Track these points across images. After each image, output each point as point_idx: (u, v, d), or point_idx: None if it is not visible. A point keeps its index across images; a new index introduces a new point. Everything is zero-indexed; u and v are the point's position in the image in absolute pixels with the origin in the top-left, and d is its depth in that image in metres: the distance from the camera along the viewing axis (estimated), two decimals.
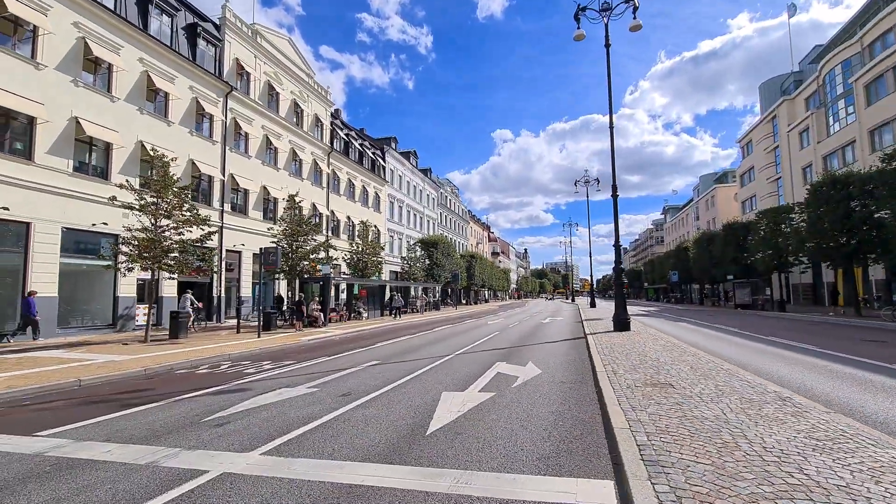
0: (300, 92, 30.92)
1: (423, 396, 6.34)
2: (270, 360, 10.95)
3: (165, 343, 14.28)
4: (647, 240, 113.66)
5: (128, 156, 18.81)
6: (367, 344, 13.94)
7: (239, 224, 24.63)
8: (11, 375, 8.63)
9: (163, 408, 6.17)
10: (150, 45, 19.64)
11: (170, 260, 14.96)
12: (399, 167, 48.89)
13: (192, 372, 9.51)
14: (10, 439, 4.83)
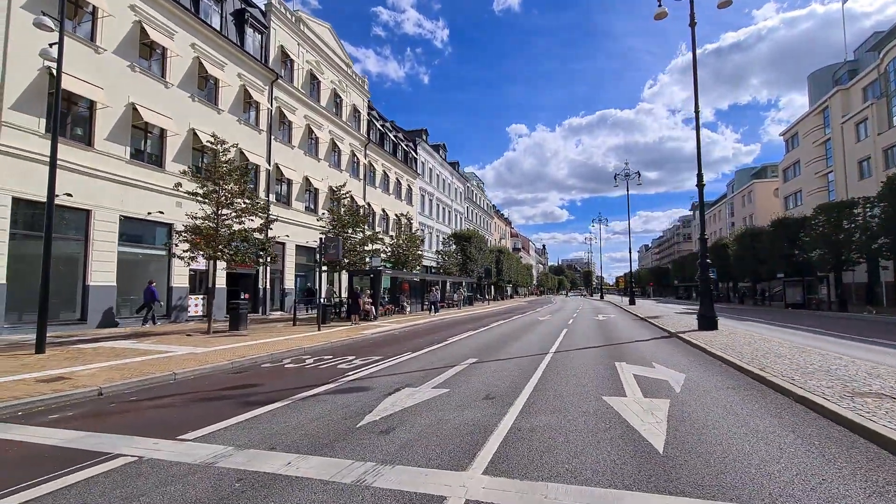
0: (339, 81, 30.36)
1: (584, 402, 5.61)
2: (351, 354, 10.34)
3: (228, 335, 13.84)
4: (673, 237, 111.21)
5: (180, 143, 18.44)
6: (437, 339, 13.28)
7: (282, 215, 24.21)
8: (103, 367, 8.16)
9: (294, 408, 5.56)
10: (202, 30, 19.20)
11: (231, 249, 14.48)
12: (430, 160, 48.18)
13: (281, 366, 8.95)
14: (161, 444, 4.24)
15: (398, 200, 39.15)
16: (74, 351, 10.13)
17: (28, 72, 13.34)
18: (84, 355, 9.55)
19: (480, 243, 44.50)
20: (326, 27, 29.01)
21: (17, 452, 4.17)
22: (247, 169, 15.90)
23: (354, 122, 32.43)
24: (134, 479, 3.48)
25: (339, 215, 20.87)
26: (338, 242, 15.39)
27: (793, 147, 48.15)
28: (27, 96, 13.33)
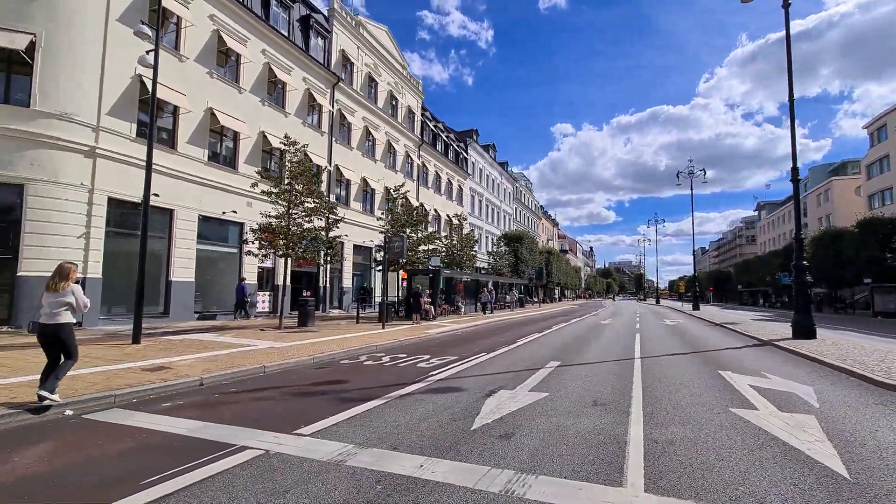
0: (395, 83, 30.72)
1: (711, 414, 5.10)
2: (425, 353, 10.20)
3: (298, 331, 14.16)
4: (735, 239, 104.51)
5: (252, 146, 19.22)
6: (504, 341, 12.93)
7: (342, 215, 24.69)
8: (197, 358, 8.47)
9: (395, 407, 5.42)
10: (272, 37, 19.94)
11: (301, 247, 14.84)
12: (479, 160, 47.89)
13: (360, 363, 8.94)
14: (281, 439, 4.20)
15: (449, 201, 39.15)
16: (165, 342, 10.65)
17: (122, 80, 14.31)
18: (175, 346, 10.01)
19: (531, 244, 43.66)
20: (384, 30, 29.45)
21: (152, 440, 4.26)
22: (318, 169, 16.21)
23: (409, 123, 32.70)
24: (271, 473, 3.41)
25: (397, 215, 20.98)
26: (402, 239, 15.43)
27: (879, 141, 43.75)
28: (121, 103, 14.30)
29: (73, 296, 5.31)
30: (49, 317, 5.20)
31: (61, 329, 5.25)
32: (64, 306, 5.26)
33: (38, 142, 12.53)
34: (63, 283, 5.28)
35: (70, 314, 5.34)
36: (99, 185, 13.63)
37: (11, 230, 12.37)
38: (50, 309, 5.20)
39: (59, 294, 5.24)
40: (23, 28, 12.43)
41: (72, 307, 5.33)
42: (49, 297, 5.23)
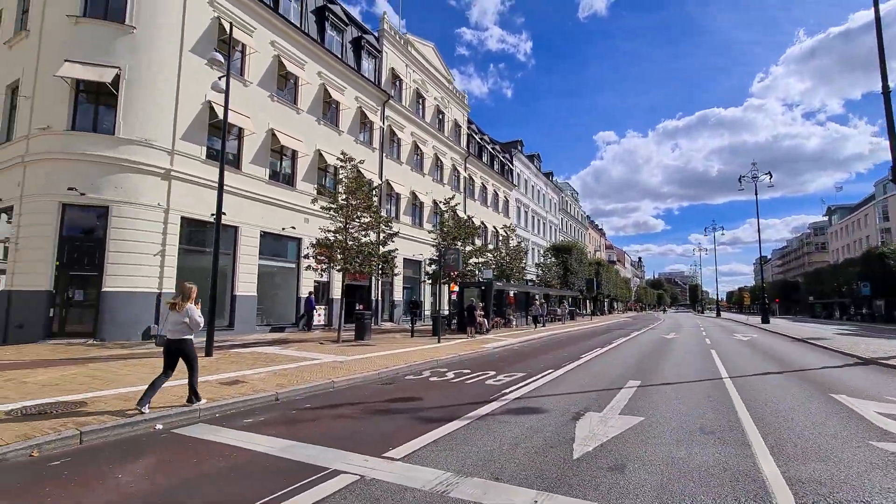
0: (442, 98, 31.02)
1: (848, 447, 4.43)
2: (489, 369, 9.82)
3: (356, 344, 14.20)
4: (801, 247, 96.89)
5: (308, 164, 19.84)
6: (567, 356, 12.31)
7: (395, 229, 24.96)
8: (268, 372, 8.56)
9: (479, 429, 5.11)
10: (327, 59, 20.66)
11: (359, 261, 14.99)
12: (525, 171, 47.33)
13: (425, 379, 8.71)
14: (372, 462, 3.99)
15: (495, 213, 38.80)
16: (234, 355, 10.93)
17: (193, 106, 15.19)
18: (245, 360, 10.23)
19: (581, 255, 42.34)
20: (430, 46, 29.92)
21: (243, 460, 4.18)
22: (372, 184, 16.44)
23: (455, 136, 32.85)
24: (374, 503, 3.19)
25: (449, 227, 20.89)
26: (457, 252, 15.24)
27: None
28: (193, 128, 15.16)
29: (188, 316, 5.80)
30: (172, 333, 5.79)
31: (182, 344, 5.82)
32: (181, 324, 5.79)
33: (122, 166, 13.46)
34: (183, 303, 5.82)
35: (189, 332, 5.85)
36: (173, 205, 14.43)
37: (97, 249, 13.28)
38: (172, 326, 5.78)
39: (180, 314, 5.78)
40: (110, 62, 13.49)
41: (186, 325, 5.81)
42: (172, 315, 5.82)
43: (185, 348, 5.81)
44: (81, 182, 12.94)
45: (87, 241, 13.41)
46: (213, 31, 15.98)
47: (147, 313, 13.73)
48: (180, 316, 5.77)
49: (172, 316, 5.80)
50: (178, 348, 5.78)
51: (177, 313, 5.78)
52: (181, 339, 5.79)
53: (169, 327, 5.79)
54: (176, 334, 5.77)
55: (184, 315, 5.77)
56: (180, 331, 5.78)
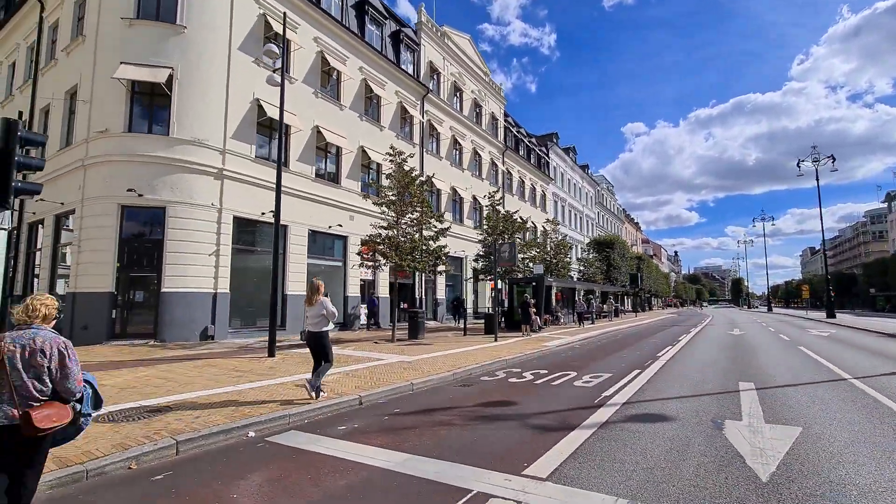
0: (479, 91, 30.32)
1: None
2: (566, 369, 9.10)
3: (412, 343, 13.74)
4: (856, 236, 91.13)
5: (352, 161, 19.55)
6: (640, 354, 11.44)
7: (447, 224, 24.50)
8: (340, 374, 8.14)
9: (609, 440, 4.44)
10: (367, 53, 20.32)
11: (413, 258, 14.52)
12: (561, 164, 46.05)
13: (504, 380, 8.08)
14: (517, 483, 3.41)
15: (533, 208, 37.79)
16: (296, 356, 10.61)
17: (242, 105, 15.07)
18: (305, 360, 9.85)
19: (623, 249, 40.81)
20: (466, 38, 29.27)
21: (363, 476, 3.67)
22: (423, 178, 15.95)
23: (492, 130, 32.09)
24: None
25: (495, 222, 20.22)
26: (512, 246, 14.55)
27: None
28: (242, 127, 15.04)
29: (324, 308, 6.12)
30: (313, 326, 6.20)
31: (321, 336, 6.20)
32: (320, 317, 6.14)
33: (176, 167, 13.43)
34: (315, 296, 6.17)
35: (326, 323, 6.20)
36: (226, 204, 14.34)
37: (155, 250, 13.29)
38: (312, 320, 6.19)
39: (316, 308, 6.13)
40: (163, 63, 13.48)
41: (325, 318, 6.15)
42: (309, 310, 6.22)
43: (323, 340, 6.20)
44: (139, 183, 12.96)
45: (145, 243, 13.45)
46: (260, 29, 15.83)
47: (203, 314, 13.67)
48: (317, 309, 6.12)
49: (310, 311, 6.18)
50: (317, 339, 6.18)
51: (313, 307, 6.15)
52: (321, 332, 6.19)
53: (309, 322, 6.21)
54: (316, 327, 6.17)
55: (320, 308, 6.11)
56: (319, 323, 6.16)
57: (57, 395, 2.72)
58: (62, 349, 2.72)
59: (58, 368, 2.69)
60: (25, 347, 2.61)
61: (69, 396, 2.76)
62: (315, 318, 6.16)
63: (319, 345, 6.18)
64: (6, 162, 3.74)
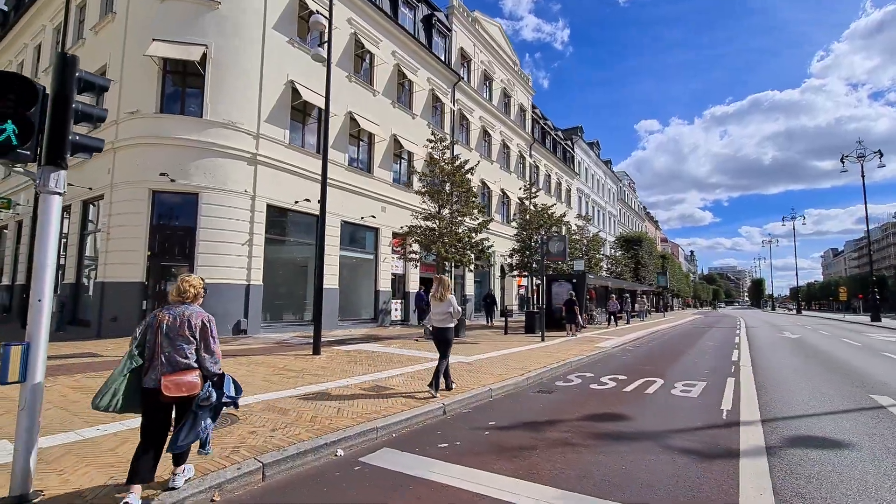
0: (508, 80, 29.28)
1: None
2: (648, 375, 8.18)
3: (456, 342, 12.89)
4: (885, 237, 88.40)
5: (384, 149, 18.71)
6: (707, 359, 10.46)
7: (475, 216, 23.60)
8: (403, 375, 7.30)
9: (809, 477, 3.52)
10: (400, 37, 19.43)
11: (455, 250, 13.66)
12: (586, 159, 44.83)
13: (584, 386, 7.18)
14: None
15: (559, 203, 36.66)
16: (342, 354, 9.83)
17: (276, 87, 14.28)
18: (357, 359, 9.07)
19: (651, 247, 39.55)
20: (497, 25, 28.22)
21: None
22: (470, 168, 15.05)
23: (521, 121, 31.04)
24: None
25: (533, 214, 19.28)
26: (563, 240, 13.59)
27: None
28: (276, 110, 14.26)
29: (451, 305, 6.18)
30: (439, 322, 6.25)
31: (447, 332, 6.25)
32: (446, 314, 6.19)
33: (210, 150, 12.69)
34: (445, 293, 6.22)
35: (451, 320, 6.23)
36: (259, 191, 13.59)
37: (188, 238, 12.59)
38: (439, 316, 6.24)
39: (444, 304, 6.19)
40: (196, 41, 12.72)
41: (451, 314, 6.20)
42: (437, 306, 6.25)
43: (448, 336, 6.25)
44: (171, 167, 12.24)
45: (177, 231, 12.76)
46: (294, 8, 15.04)
47: (236, 306, 12.95)
48: (444, 306, 6.18)
49: (437, 307, 6.24)
50: (443, 335, 6.21)
51: (441, 304, 6.19)
52: (446, 328, 6.23)
53: (436, 318, 6.27)
54: (442, 323, 6.22)
55: (447, 305, 6.16)
56: (445, 320, 6.20)
57: (195, 371, 2.96)
58: (206, 322, 3.03)
59: (201, 340, 2.99)
60: (176, 318, 2.96)
61: (210, 368, 3.01)
62: (442, 314, 6.20)
63: (444, 340, 6.22)
64: (62, 109, 2.92)
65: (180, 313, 2.97)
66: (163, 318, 2.96)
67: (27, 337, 2.89)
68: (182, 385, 2.83)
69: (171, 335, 2.91)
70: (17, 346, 2.81)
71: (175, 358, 2.88)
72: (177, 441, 2.90)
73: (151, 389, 2.85)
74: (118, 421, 4.39)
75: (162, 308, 3.03)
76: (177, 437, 2.90)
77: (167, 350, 2.88)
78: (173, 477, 3.01)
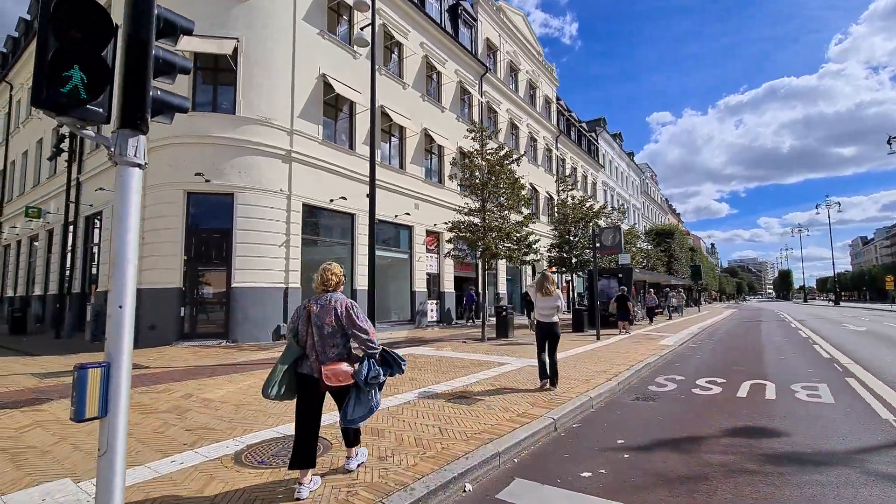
0: (533, 71, 28.35)
1: None
2: (742, 376, 7.27)
3: (506, 343, 12.15)
4: None
5: (416, 144, 18.00)
6: (793, 356, 9.46)
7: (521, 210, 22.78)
8: (480, 383, 6.51)
9: None
10: (428, 28, 18.72)
11: (504, 246, 12.87)
12: (609, 151, 43.59)
13: (683, 391, 6.31)
14: None
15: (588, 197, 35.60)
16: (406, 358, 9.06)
17: (308, 82, 13.66)
18: (415, 364, 8.32)
19: (682, 240, 38.17)
20: (521, 15, 27.33)
21: None
22: (517, 157, 14.26)
23: (546, 113, 30.07)
24: None
25: (571, 207, 18.38)
26: (617, 231, 12.64)
27: None
28: (309, 105, 13.64)
29: (559, 300, 6.35)
30: (547, 317, 6.32)
31: (555, 326, 6.31)
32: (554, 308, 6.31)
33: (244, 148, 12.11)
34: (552, 287, 6.37)
35: (556, 314, 6.32)
36: (295, 190, 12.97)
37: (224, 240, 12.02)
38: (547, 311, 6.32)
39: (552, 299, 6.31)
40: (227, 34, 12.15)
41: (557, 309, 6.32)
42: (543, 301, 6.33)
43: (556, 330, 6.31)
44: (206, 167, 11.68)
45: (213, 233, 12.19)
46: None
47: (275, 311, 12.34)
48: (552, 300, 6.30)
49: (545, 301, 6.31)
50: (551, 331, 6.27)
51: (548, 298, 6.30)
52: (554, 322, 6.30)
53: (544, 312, 6.34)
54: (549, 318, 6.30)
55: (556, 299, 6.30)
56: (552, 315, 6.30)
57: (348, 357, 3.08)
58: (349, 307, 3.06)
59: (349, 324, 3.02)
60: (323, 307, 3.05)
61: (367, 344, 3.05)
62: (549, 308, 6.29)
63: (553, 335, 6.26)
64: (140, 56, 2.20)
65: (326, 302, 3.05)
66: (311, 307, 3.06)
67: (106, 356, 2.19)
68: (339, 374, 2.90)
69: (320, 324, 2.98)
70: (94, 367, 2.10)
71: (327, 346, 2.98)
72: (346, 416, 3.01)
73: (307, 376, 2.97)
74: (193, 449, 3.70)
75: (309, 299, 3.15)
76: (345, 413, 3.01)
77: (318, 339, 2.97)
78: (347, 461, 3.19)
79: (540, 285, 6.46)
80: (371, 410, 3.06)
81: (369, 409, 3.04)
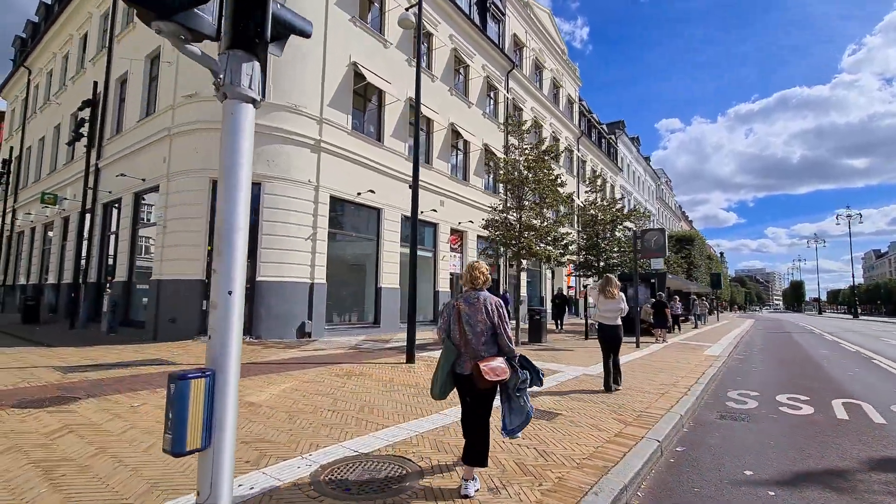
0: (557, 69, 27.71)
1: None
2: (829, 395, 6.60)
3: (541, 348, 11.54)
4: None
5: (443, 139, 17.41)
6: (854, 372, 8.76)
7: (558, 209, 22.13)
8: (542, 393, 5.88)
9: None
10: (457, 20, 18.14)
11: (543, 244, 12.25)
12: (628, 155, 42.88)
13: (775, 411, 5.65)
14: None
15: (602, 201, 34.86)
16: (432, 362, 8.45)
17: (338, 69, 13.11)
18: None
19: (702, 247, 37.35)
20: (546, 12, 26.70)
21: None
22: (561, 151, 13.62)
23: (569, 113, 29.41)
24: None
25: (602, 207, 17.71)
26: (661, 233, 11.96)
27: None
28: (339, 94, 13.09)
29: (623, 301, 6.17)
30: (610, 320, 6.17)
31: (618, 329, 6.15)
32: (618, 311, 6.14)
33: (273, 136, 11.56)
34: (616, 291, 6.19)
35: (619, 317, 6.18)
36: (322, 181, 12.40)
37: (250, 232, 11.42)
38: (610, 314, 6.16)
39: (615, 301, 6.13)
40: None
41: (620, 311, 6.16)
42: (607, 303, 6.15)
43: (619, 333, 6.16)
44: None
45: None
46: None
47: (300, 307, 11.75)
48: (616, 303, 6.15)
49: (608, 304, 6.16)
50: (615, 333, 6.11)
51: (611, 301, 6.14)
52: (617, 325, 6.18)
53: (607, 315, 6.18)
54: (612, 321, 6.18)
55: (619, 302, 6.16)
56: (615, 317, 6.18)
57: (500, 351, 2.99)
58: (497, 306, 3.01)
59: (499, 323, 2.95)
60: (473, 305, 2.99)
61: (510, 348, 2.98)
62: (613, 311, 6.15)
63: (617, 338, 6.13)
64: None
65: (475, 300, 3.00)
66: (460, 306, 3.01)
67: (209, 360, 1.58)
68: (497, 370, 2.82)
69: (472, 322, 2.94)
70: (196, 377, 1.50)
71: (480, 344, 2.92)
72: (505, 427, 3.03)
73: (463, 376, 2.93)
74: (259, 469, 3.10)
75: (457, 297, 3.09)
76: (504, 425, 3.02)
77: (472, 337, 2.92)
78: (465, 483, 2.86)
79: (603, 288, 6.36)
80: (528, 416, 2.99)
81: (526, 416, 2.97)
